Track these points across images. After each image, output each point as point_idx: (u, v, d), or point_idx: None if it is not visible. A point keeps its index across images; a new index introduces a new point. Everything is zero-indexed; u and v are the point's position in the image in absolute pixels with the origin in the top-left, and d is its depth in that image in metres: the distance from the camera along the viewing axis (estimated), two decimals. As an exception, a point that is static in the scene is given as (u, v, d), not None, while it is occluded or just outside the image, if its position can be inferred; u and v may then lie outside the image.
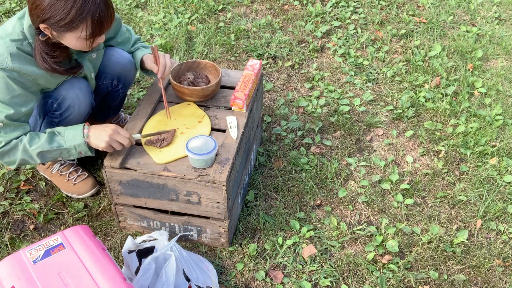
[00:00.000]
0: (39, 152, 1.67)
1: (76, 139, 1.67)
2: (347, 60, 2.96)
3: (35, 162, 1.71)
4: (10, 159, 1.70)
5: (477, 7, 3.53)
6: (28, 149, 1.66)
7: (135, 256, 1.67)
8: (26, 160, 1.70)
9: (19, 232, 1.95)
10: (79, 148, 1.69)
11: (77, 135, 1.67)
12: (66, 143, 1.67)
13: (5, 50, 1.57)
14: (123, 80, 2.04)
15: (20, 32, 1.60)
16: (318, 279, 1.79)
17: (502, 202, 2.11)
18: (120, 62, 1.98)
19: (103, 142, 1.65)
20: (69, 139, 1.67)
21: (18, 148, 1.66)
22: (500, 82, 2.80)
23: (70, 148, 1.68)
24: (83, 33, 1.52)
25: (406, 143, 2.41)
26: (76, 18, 1.47)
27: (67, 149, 1.68)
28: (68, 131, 1.68)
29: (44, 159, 1.70)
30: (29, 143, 1.66)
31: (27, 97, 1.65)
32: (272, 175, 2.20)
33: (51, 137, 1.67)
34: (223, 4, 3.45)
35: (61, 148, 1.67)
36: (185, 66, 2.03)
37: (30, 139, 1.66)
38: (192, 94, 1.91)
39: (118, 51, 2.00)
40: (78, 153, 1.71)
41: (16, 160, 1.69)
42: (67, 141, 1.67)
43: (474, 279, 1.82)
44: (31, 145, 1.66)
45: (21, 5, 3.38)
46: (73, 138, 1.67)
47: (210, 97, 1.97)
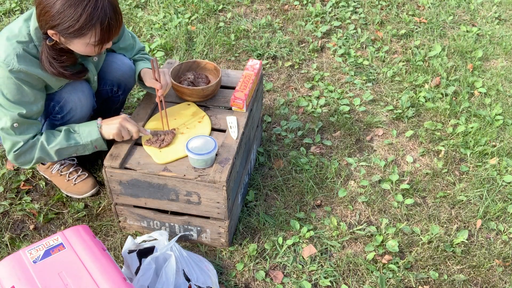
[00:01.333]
0: (57, 150, 1.71)
1: (92, 135, 1.72)
2: (347, 60, 2.96)
3: (51, 160, 1.76)
4: (26, 158, 1.74)
5: (477, 7, 3.53)
6: (46, 147, 1.70)
7: (135, 256, 1.67)
8: (42, 158, 1.74)
9: (19, 232, 1.95)
10: (95, 143, 1.74)
11: (93, 130, 1.72)
12: (83, 140, 1.72)
13: (12, 52, 1.57)
14: (123, 87, 2.04)
15: (27, 34, 1.60)
16: (318, 279, 1.80)
17: (502, 202, 2.11)
18: (120, 69, 1.97)
19: (114, 128, 1.70)
20: (85, 135, 1.72)
21: (35, 146, 1.71)
22: (500, 82, 2.80)
23: (87, 144, 1.73)
24: (92, 39, 1.52)
25: (406, 143, 2.41)
26: (85, 25, 1.47)
27: (83, 145, 1.74)
28: (83, 128, 1.73)
29: (61, 156, 1.75)
30: (46, 141, 1.70)
31: (36, 96, 1.67)
32: (272, 175, 2.20)
33: (67, 135, 1.72)
34: (223, 4, 3.45)
35: (78, 145, 1.73)
36: (185, 66, 2.02)
37: (47, 138, 1.71)
38: (192, 94, 1.91)
39: (119, 57, 1.99)
40: (94, 148, 1.76)
41: (33, 158, 1.73)
42: (83, 138, 1.73)
43: (474, 279, 1.82)
44: (49, 143, 1.70)
45: (21, 5, 3.39)
46: (89, 134, 1.72)
47: (210, 97, 1.97)
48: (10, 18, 3.24)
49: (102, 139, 1.73)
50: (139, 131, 1.75)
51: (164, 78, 1.81)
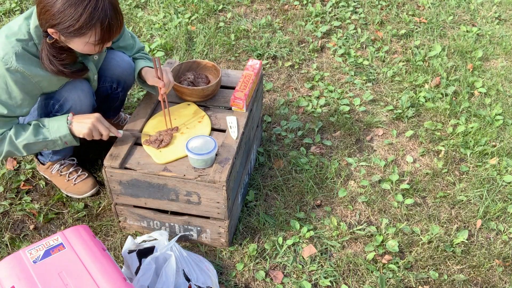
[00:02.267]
0: (25, 145, 1.68)
1: (61, 130, 1.68)
2: (347, 60, 2.96)
3: (21, 154, 1.73)
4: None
5: (477, 7, 3.53)
6: (14, 141, 1.67)
7: (135, 256, 1.67)
8: (12, 152, 1.71)
9: (19, 232, 1.95)
10: (64, 139, 1.70)
11: (62, 126, 1.68)
12: (51, 135, 1.69)
13: (11, 50, 1.56)
14: (123, 84, 2.03)
15: (26, 32, 1.60)
16: (318, 279, 1.79)
17: (502, 202, 2.11)
18: (120, 66, 1.97)
19: (85, 128, 1.68)
20: (54, 130, 1.68)
21: (4, 140, 1.67)
22: (500, 82, 2.80)
23: (56, 140, 1.70)
24: (92, 39, 1.52)
25: (406, 143, 2.41)
26: (86, 24, 1.47)
27: (52, 141, 1.70)
28: (52, 122, 1.69)
29: (30, 151, 1.72)
30: (15, 135, 1.67)
31: (24, 101, 1.66)
32: (272, 175, 2.20)
33: (36, 129, 1.68)
34: (223, 4, 3.45)
35: (47, 140, 1.69)
36: (185, 66, 2.02)
37: (16, 132, 1.67)
38: (192, 94, 1.91)
39: (119, 54, 1.99)
40: (64, 144, 1.72)
41: (2, 152, 1.70)
42: (52, 133, 1.69)
43: (474, 279, 1.82)
44: (17, 137, 1.67)
45: (21, 5, 3.39)
46: (58, 129, 1.68)
47: (210, 97, 1.97)
48: (10, 18, 3.24)
49: (71, 135, 1.70)
50: (109, 133, 1.73)
51: (167, 76, 1.80)
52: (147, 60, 1.98)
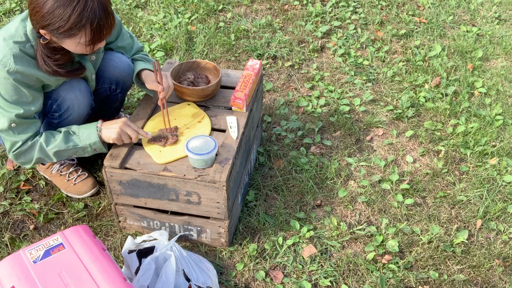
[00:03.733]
0: (56, 152, 1.71)
1: (91, 138, 1.72)
2: (347, 60, 2.96)
3: (51, 161, 1.77)
4: (26, 158, 1.74)
5: (477, 7, 3.53)
6: (44, 148, 1.71)
7: (135, 256, 1.67)
8: (42, 159, 1.75)
9: (19, 232, 1.95)
10: (94, 146, 1.73)
11: (92, 133, 1.72)
12: (81, 142, 1.72)
13: (8, 52, 1.57)
14: (122, 85, 2.03)
15: (23, 34, 1.60)
16: (318, 279, 1.79)
17: (502, 202, 2.11)
18: (118, 67, 1.97)
19: (114, 133, 1.69)
20: (84, 137, 1.72)
21: (34, 147, 1.71)
22: (500, 82, 2.80)
23: (86, 147, 1.73)
24: (82, 39, 1.52)
25: (406, 143, 2.41)
26: (75, 26, 1.47)
27: (82, 148, 1.73)
28: (82, 130, 1.73)
29: (60, 157, 1.75)
30: (45, 142, 1.70)
31: (34, 95, 1.67)
32: (272, 175, 2.20)
33: (66, 137, 1.72)
34: (223, 4, 3.45)
35: (77, 147, 1.72)
36: (185, 66, 2.02)
37: (46, 139, 1.71)
38: (192, 94, 1.91)
39: (117, 55, 1.98)
40: (93, 150, 1.76)
41: (33, 159, 1.74)
42: (82, 140, 1.72)
43: (474, 279, 1.82)
44: (48, 144, 1.70)
45: (21, 5, 3.39)
46: (88, 136, 1.72)
47: (210, 97, 1.97)
48: (10, 18, 3.24)
49: (101, 142, 1.73)
50: (138, 135, 1.74)
51: (166, 81, 1.80)
52: (146, 61, 1.98)
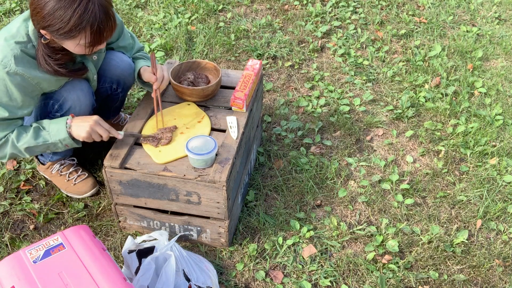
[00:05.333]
0: (27, 148, 1.69)
1: (60, 133, 1.68)
2: (347, 60, 2.96)
3: (25, 156, 1.74)
4: (1, 153, 1.72)
5: (477, 7, 3.53)
6: (16, 145, 1.68)
7: (135, 256, 1.67)
8: (15, 154, 1.72)
9: (19, 232, 1.95)
10: (64, 142, 1.70)
11: (61, 129, 1.68)
12: (51, 138, 1.68)
13: (9, 53, 1.56)
14: (122, 84, 2.03)
15: (25, 34, 1.60)
16: (318, 279, 1.79)
17: (502, 202, 2.11)
18: (119, 66, 1.97)
19: (84, 132, 1.68)
20: (53, 133, 1.68)
21: (7, 143, 1.68)
22: (500, 82, 2.80)
23: (56, 142, 1.70)
24: (82, 41, 1.52)
25: (406, 143, 2.41)
26: (75, 28, 1.47)
27: (53, 143, 1.70)
28: (52, 125, 1.69)
29: (32, 153, 1.73)
30: (16, 138, 1.67)
31: (25, 102, 1.66)
32: (272, 175, 2.20)
33: (36, 133, 1.68)
34: (223, 4, 3.45)
35: (47, 143, 1.69)
36: (185, 66, 2.02)
37: (18, 135, 1.68)
38: (192, 94, 1.91)
39: (118, 55, 1.98)
40: (65, 146, 1.72)
41: (6, 155, 1.71)
42: (52, 136, 1.68)
43: (474, 279, 1.82)
44: (18, 140, 1.67)
45: (21, 5, 3.39)
46: (57, 132, 1.68)
47: (210, 97, 1.97)
48: (10, 18, 3.24)
49: (71, 138, 1.70)
50: (109, 135, 1.72)
51: (161, 71, 1.80)
52: (147, 60, 1.98)
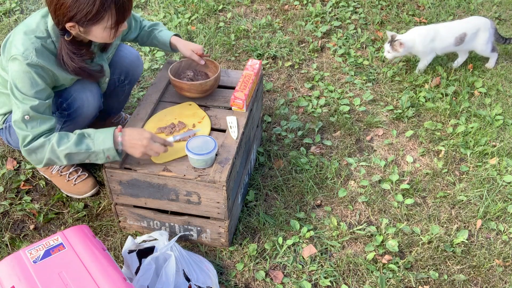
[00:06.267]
0: (67, 154, 1.62)
1: (105, 143, 1.61)
2: (347, 60, 2.96)
3: (62, 163, 1.66)
4: (37, 157, 1.65)
5: (477, 7, 3.53)
6: (56, 149, 1.61)
7: (135, 256, 1.67)
8: (53, 160, 1.65)
9: (19, 232, 1.95)
10: (107, 152, 1.62)
11: (107, 138, 1.62)
12: (95, 146, 1.62)
13: (31, 45, 1.58)
14: (130, 76, 2.09)
15: (45, 30, 1.62)
16: (318, 279, 1.79)
17: (502, 202, 2.11)
18: (128, 57, 2.04)
19: (138, 153, 1.63)
20: (98, 142, 1.62)
21: (45, 147, 1.62)
22: (500, 82, 2.80)
23: (99, 152, 1.62)
24: (109, 22, 1.55)
25: (406, 143, 2.41)
26: (102, 7, 1.50)
27: (95, 152, 1.62)
28: (98, 134, 1.63)
29: (71, 160, 1.65)
30: (57, 143, 1.61)
31: (47, 91, 1.65)
32: (272, 175, 2.20)
33: (80, 139, 1.62)
34: (223, 4, 3.45)
35: (89, 151, 1.62)
36: (185, 64, 2.03)
37: (59, 139, 1.61)
38: (191, 89, 1.91)
39: (126, 46, 2.07)
40: (106, 158, 1.64)
41: (43, 159, 1.64)
42: (96, 144, 1.62)
43: (474, 279, 1.82)
44: (59, 145, 1.61)
45: (21, 5, 3.39)
46: (102, 141, 1.62)
47: (209, 93, 1.97)
48: (10, 18, 3.24)
49: (115, 149, 1.62)
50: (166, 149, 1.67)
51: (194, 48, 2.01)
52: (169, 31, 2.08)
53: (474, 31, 2.72)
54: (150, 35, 2.07)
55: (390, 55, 2.73)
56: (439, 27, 2.74)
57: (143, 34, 2.08)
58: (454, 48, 2.78)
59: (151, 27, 2.09)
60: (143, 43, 2.12)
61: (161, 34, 2.06)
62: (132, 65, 2.07)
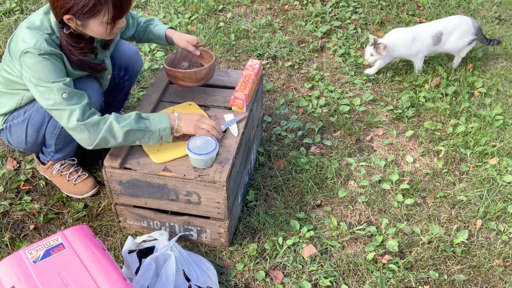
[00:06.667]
0: (127, 131, 1.64)
1: (162, 123, 1.69)
2: (347, 60, 2.96)
3: (116, 142, 1.66)
4: (91, 135, 1.64)
5: (477, 7, 3.53)
6: (114, 127, 1.63)
7: (135, 256, 1.67)
8: (107, 139, 1.65)
9: (19, 232, 1.95)
10: (164, 132, 1.69)
11: (163, 119, 1.69)
12: (152, 126, 1.68)
13: (40, 37, 1.59)
14: (130, 72, 2.10)
15: (49, 26, 1.63)
16: (318, 279, 1.79)
17: (502, 202, 2.11)
18: (127, 53, 2.06)
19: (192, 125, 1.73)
20: (155, 122, 1.68)
21: (101, 124, 1.63)
22: (500, 82, 2.80)
23: (155, 131, 1.68)
24: (105, 17, 1.56)
25: (406, 143, 2.41)
26: (98, 1, 1.51)
27: (151, 131, 1.68)
28: (153, 116, 1.70)
29: (127, 139, 1.67)
30: (116, 120, 1.63)
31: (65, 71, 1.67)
32: (272, 175, 2.20)
33: (138, 118, 1.68)
34: (223, 4, 3.45)
35: (146, 130, 1.67)
36: (180, 55, 2.04)
37: (117, 118, 1.65)
38: (185, 78, 1.90)
39: (126, 42, 2.08)
40: (160, 138, 1.70)
41: (97, 137, 1.64)
42: (153, 124, 1.68)
43: (474, 279, 1.82)
44: (119, 122, 1.63)
45: (21, 5, 3.38)
46: (159, 121, 1.69)
47: (204, 82, 1.96)
48: (10, 18, 3.24)
49: (170, 129, 1.70)
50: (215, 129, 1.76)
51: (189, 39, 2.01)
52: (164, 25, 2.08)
53: (451, 30, 2.71)
54: (146, 30, 2.08)
55: (373, 58, 2.70)
56: (419, 28, 2.72)
57: (139, 30, 2.09)
58: (434, 48, 2.75)
59: (146, 22, 2.10)
60: (140, 39, 2.12)
61: (156, 28, 2.07)
62: (131, 60, 2.09)
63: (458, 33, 2.71)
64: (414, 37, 2.68)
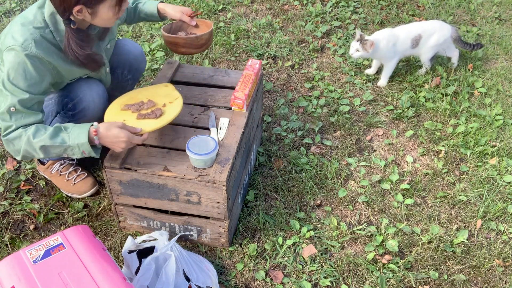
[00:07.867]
0: (42, 146, 1.59)
1: (80, 138, 1.59)
2: (347, 60, 2.96)
3: (39, 156, 1.63)
4: (15, 148, 1.63)
5: (477, 7, 3.53)
6: (31, 141, 1.59)
7: (135, 256, 1.67)
8: (29, 152, 1.62)
9: (19, 232, 1.95)
10: (82, 148, 1.61)
11: (82, 133, 1.59)
12: (70, 140, 1.60)
13: (29, 36, 1.58)
14: (133, 71, 2.11)
15: (42, 20, 1.62)
16: (318, 279, 1.79)
17: (502, 202, 2.11)
18: (132, 52, 2.07)
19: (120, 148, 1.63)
20: (74, 136, 1.60)
21: (22, 138, 1.59)
22: (500, 82, 2.80)
23: (74, 146, 1.60)
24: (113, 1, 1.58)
25: (406, 143, 2.41)
26: None
27: (70, 147, 1.60)
28: (75, 129, 1.61)
29: (48, 154, 1.62)
30: (33, 134, 1.58)
31: (42, 86, 1.64)
32: (272, 175, 2.20)
33: (56, 132, 1.60)
34: (223, 4, 3.45)
35: (65, 145, 1.60)
36: (176, 26, 2.01)
37: (36, 131, 1.59)
38: (186, 44, 1.88)
39: (130, 41, 2.10)
40: (82, 153, 1.63)
41: (20, 150, 1.62)
42: (71, 138, 1.60)
43: (474, 279, 1.82)
44: (35, 137, 1.58)
45: (22, 5, 3.39)
46: (77, 136, 1.59)
47: (204, 48, 1.94)
48: (10, 18, 3.24)
49: (89, 145, 1.60)
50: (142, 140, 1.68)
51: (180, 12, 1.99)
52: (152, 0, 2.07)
53: (429, 34, 2.67)
54: (136, 10, 2.07)
55: (358, 54, 2.62)
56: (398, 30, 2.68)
57: (129, 10, 2.07)
58: (412, 51, 2.71)
59: (134, 2, 2.08)
60: (131, 20, 2.10)
61: (146, 5, 2.05)
62: (136, 60, 2.10)
63: (434, 39, 2.69)
64: (395, 39, 2.64)
